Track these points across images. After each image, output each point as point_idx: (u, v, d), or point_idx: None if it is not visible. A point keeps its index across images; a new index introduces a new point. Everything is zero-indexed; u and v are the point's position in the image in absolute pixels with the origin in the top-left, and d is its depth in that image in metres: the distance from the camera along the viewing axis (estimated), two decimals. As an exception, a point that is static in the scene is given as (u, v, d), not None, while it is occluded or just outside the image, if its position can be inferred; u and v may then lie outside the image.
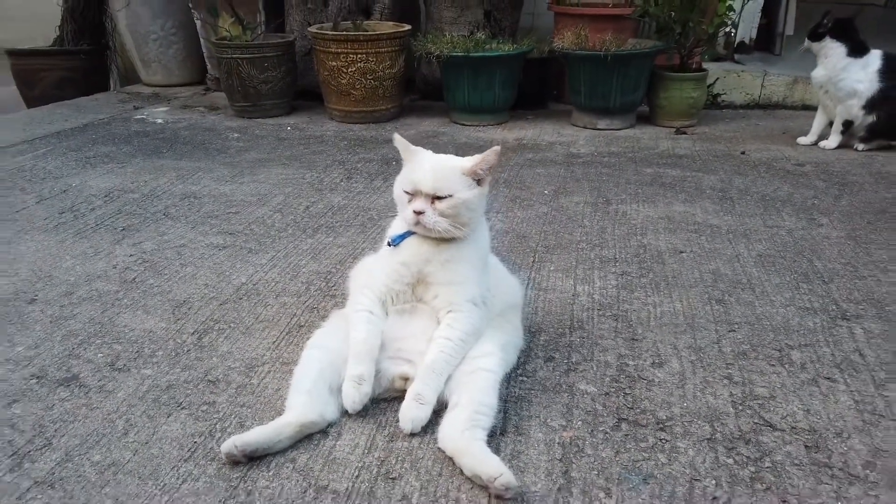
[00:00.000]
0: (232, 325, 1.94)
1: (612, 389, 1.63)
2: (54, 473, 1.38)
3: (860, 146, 3.56)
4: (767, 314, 1.97)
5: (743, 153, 3.58)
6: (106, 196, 2.98)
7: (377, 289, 1.63)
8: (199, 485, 1.34)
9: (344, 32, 4.14)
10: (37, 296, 2.10)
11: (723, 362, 1.74)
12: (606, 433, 1.49)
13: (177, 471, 1.38)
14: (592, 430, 1.49)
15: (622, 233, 2.57)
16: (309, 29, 4.32)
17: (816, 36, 3.50)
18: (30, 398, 1.61)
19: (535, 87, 4.59)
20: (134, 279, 2.22)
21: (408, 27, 4.32)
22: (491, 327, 1.65)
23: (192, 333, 1.90)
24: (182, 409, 1.57)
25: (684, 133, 4.00)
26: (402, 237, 1.62)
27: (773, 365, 1.72)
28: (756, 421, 1.52)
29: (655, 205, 2.85)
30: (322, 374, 1.54)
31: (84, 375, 1.70)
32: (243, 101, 4.37)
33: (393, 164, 3.42)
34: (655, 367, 1.72)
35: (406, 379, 1.56)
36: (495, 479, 1.29)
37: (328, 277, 2.22)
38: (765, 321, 1.93)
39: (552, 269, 2.28)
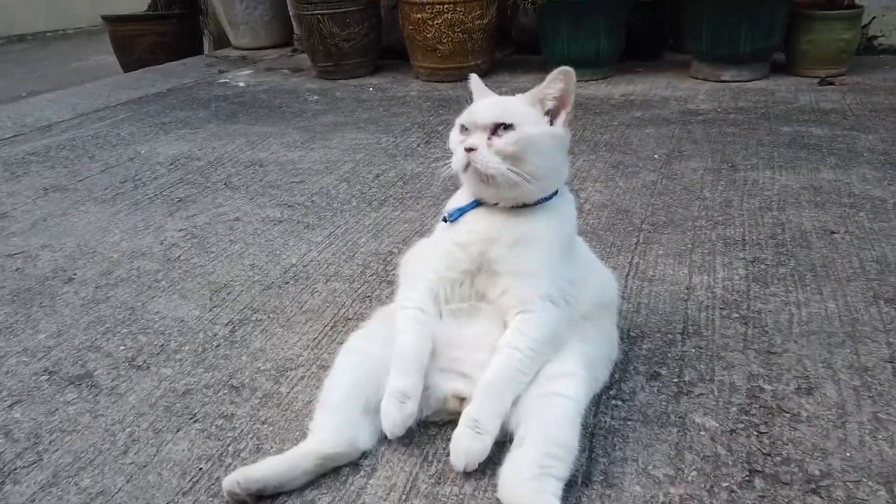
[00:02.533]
0: (271, 315, 1.66)
1: (741, 426, 1.20)
2: (35, 501, 1.14)
3: None
4: (963, 322, 1.45)
5: (909, 106, 2.90)
6: (171, 164, 2.80)
7: (429, 279, 1.27)
8: (194, 531, 1.07)
9: (429, -20, 3.75)
10: (75, 274, 1.92)
11: (901, 391, 1.26)
12: (733, 492, 1.07)
13: (172, 506, 1.11)
14: (712, 487, 1.08)
15: (753, 207, 2.07)
16: (394, -22, 3.97)
17: None
18: (34, 399, 1.40)
19: (647, 35, 4.02)
20: (178, 257, 1.99)
21: (501, -29, 3.86)
22: (574, 335, 1.24)
23: (226, 324, 1.63)
24: (195, 422, 1.30)
25: (831, 84, 3.33)
26: (463, 210, 1.25)
27: (978, 399, 1.23)
28: (960, 488, 1.05)
29: (797, 171, 2.31)
30: (356, 387, 1.21)
31: (99, 373, 1.47)
32: (325, 60, 4.10)
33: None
34: (802, 395, 1.27)
35: (461, 399, 1.20)
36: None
37: (388, 259, 1.90)
38: (960, 332, 1.41)
39: (661, 252, 1.84)
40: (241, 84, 4.17)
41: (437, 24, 3.74)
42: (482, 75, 3.96)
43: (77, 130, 3.33)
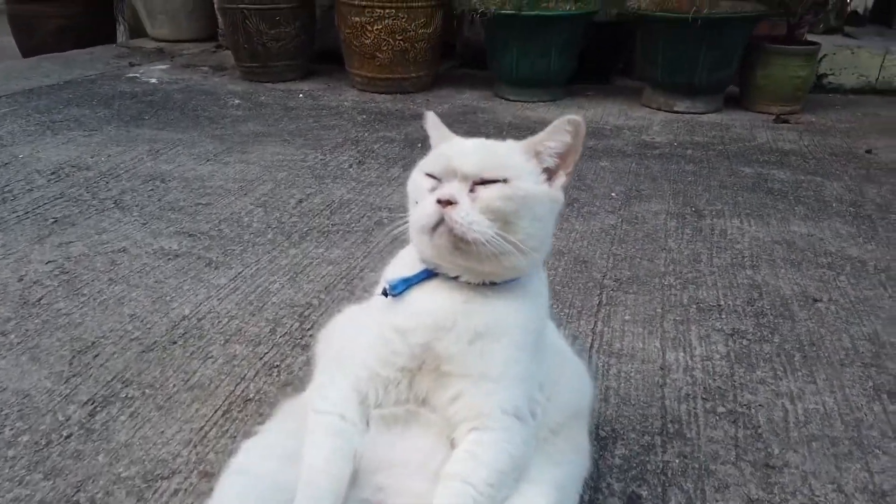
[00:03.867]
0: (147, 391, 1.30)
1: (746, 580, 0.94)
2: None
3: None
4: (981, 427, 1.24)
5: (868, 152, 2.78)
6: (53, 173, 2.36)
7: (356, 376, 0.92)
8: None
9: (370, -19, 3.42)
10: None
11: (928, 527, 1.02)
12: None
13: None
14: None
15: (724, 263, 1.84)
16: (330, -24, 3.62)
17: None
18: None
19: (598, 58, 3.81)
20: (39, 300, 1.59)
21: (449, -22, 3.58)
22: (542, 457, 0.95)
23: (85, 403, 1.26)
24: (14, 565, 0.93)
25: (786, 122, 3.19)
26: (410, 283, 0.93)
27: None
28: None
29: (766, 222, 2.11)
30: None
31: None
32: (250, 60, 3.70)
33: (418, 147, 2.73)
34: (815, 533, 1.02)
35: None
36: None
37: (305, 314, 1.56)
38: (978, 441, 1.20)
39: (627, 318, 1.58)
40: (154, 80, 3.71)
41: (376, 29, 3.41)
42: (424, 89, 3.70)
43: (-57, 125, 2.83)
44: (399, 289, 0.92)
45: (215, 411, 1.24)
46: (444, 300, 0.90)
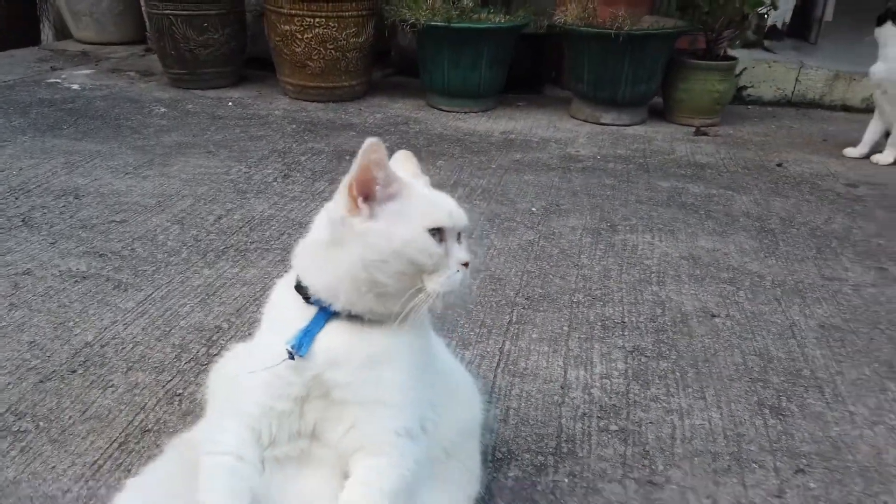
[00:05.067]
0: (42, 423, 1.27)
1: None
2: None
3: (923, 163, 2.92)
4: (848, 439, 1.32)
5: (779, 165, 2.91)
6: (-41, 188, 2.28)
7: (249, 415, 0.92)
8: None
9: (299, -11, 3.39)
10: None
11: (798, 540, 1.09)
12: None
13: None
14: None
15: (632, 279, 1.91)
16: (259, -16, 3.58)
17: (879, 20, 2.84)
18: None
19: (529, 69, 3.88)
20: (-68, 328, 1.54)
21: (380, -12, 3.58)
22: (433, 479, 0.98)
23: (-27, 441, 1.22)
24: None
25: (705, 134, 3.32)
26: (311, 333, 0.90)
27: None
28: None
29: (675, 237, 2.19)
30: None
31: None
32: (178, 67, 3.63)
33: (346, 159, 2.73)
34: (688, 547, 1.07)
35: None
36: None
37: (212, 338, 1.55)
38: (846, 454, 1.28)
39: (535, 336, 1.62)
40: (76, 86, 3.60)
41: (306, 38, 3.39)
42: (358, 97, 3.70)
43: None
44: (305, 347, 0.89)
45: (111, 443, 1.23)
46: (343, 336, 0.90)
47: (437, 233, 0.87)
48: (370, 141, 0.84)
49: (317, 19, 3.36)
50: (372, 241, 0.86)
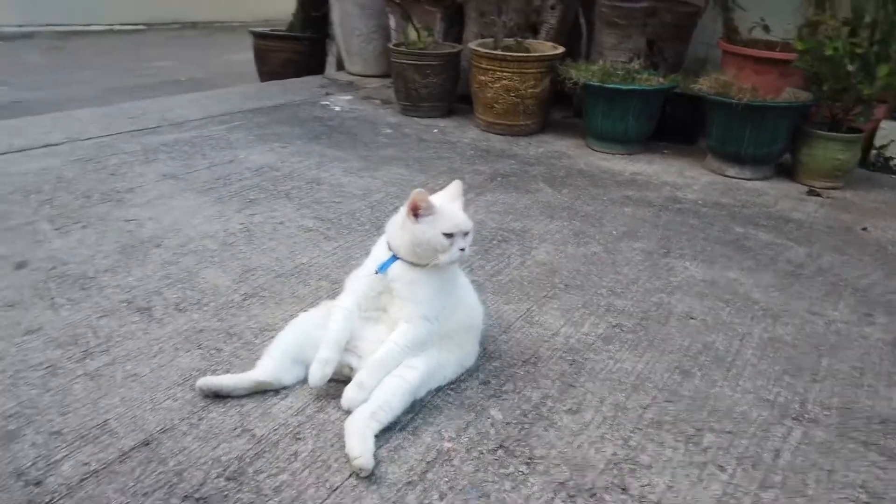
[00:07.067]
0: (273, 294, 2.48)
1: (515, 420, 1.87)
2: (99, 371, 2.01)
3: None
4: (720, 395, 2.01)
5: (864, 229, 3.31)
6: (256, 170, 3.72)
7: (357, 293, 2.01)
8: (176, 404, 1.88)
9: (492, 51, 4.49)
10: (163, 242, 2.83)
11: (633, 426, 1.87)
12: (481, 453, 1.75)
13: (168, 390, 1.93)
14: (471, 448, 1.76)
15: (651, 287, 2.66)
16: (469, 44, 4.74)
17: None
18: (113, 316, 2.29)
19: (683, 122, 4.55)
20: (232, 243, 2.86)
21: (560, 51, 4.55)
22: (436, 345, 1.96)
23: (242, 294, 2.46)
24: (199, 349, 2.13)
25: (818, 195, 3.75)
26: (387, 264, 1.97)
27: (678, 441, 1.82)
28: (614, 482, 1.67)
29: (711, 266, 2.85)
30: (290, 347, 1.99)
31: (155, 309, 2.34)
32: (405, 100, 4.95)
33: (498, 179, 3.75)
34: (568, 413, 1.91)
35: (351, 369, 1.95)
36: (355, 458, 1.65)
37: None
38: (711, 401, 1.99)
39: (555, 307, 2.49)
40: (337, 108, 5.09)
41: (495, 87, 4.48)
42: (531, 133, 4.77)
43: (200, 130, 4.36)
44: (384, 269, 1.96)
45: (302, 308, 2.38)
46: (401, 268, 1.94)
47: (448, 235, 1.87)
48: (416, 190, 1.87)
49: (504, 73, 4.42)
50: (415, 234, 1.88)
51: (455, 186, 2.03)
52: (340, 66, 6.55)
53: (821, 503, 1.63)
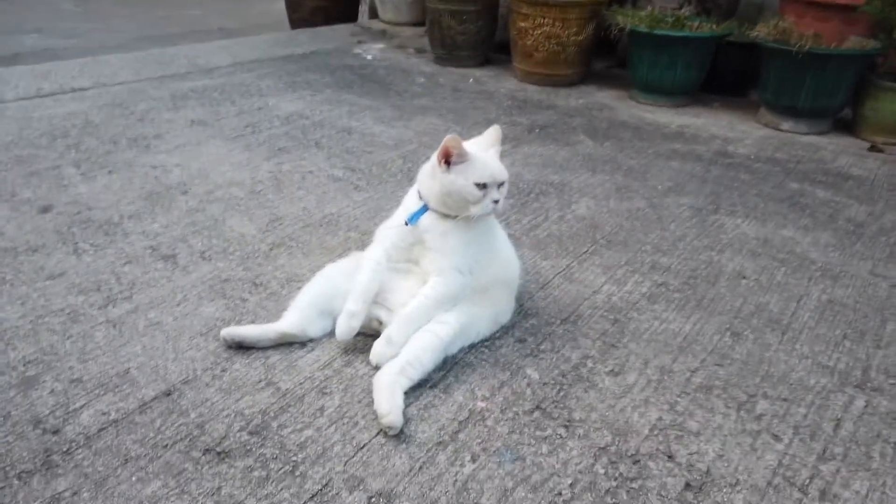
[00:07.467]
0: (300, 244, 2.38)
1: (552, 381, 1.76)
2: (121, 318, 1.94)
3: None
4: (774, 359, 1.87)
5: (931, 187, 3.08)
6: (285, 119, 3.60)
7: (386, 245, 1.90)
8: (199, 354, 1.81)
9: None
10: (189, 189, 2.75)
11: (680, 390, 1.74)
12: (516, 414, 1.65)
13: (192, 339, 1.86)
14: (506, 408, 1.66)
15: (700, 245, 2.49)
16: (507, -13, 4.51)
17: None
18: (137, 263, 2.22)
19: (734, 73, 4.28)
20: (259, 191, 2.77)
21: (604, -5, 4.29)
22: (469, 300, 1.84)
23: (269, 244, 2.37)
24: (224, 298, 2.05)
25: (880, 151, 3.50)
26: (418, 215, 1.84)
27: (729, 407, 1.69)
28: (659, 448, 1.55)
29: (764, 224, 2.67)
30: (318, 298, 1.90)
31: (180, 256, 2.27)
32: (440, 48, 4.75)
33: (536, 131, 3.57)
34: (610, 375, 1.79)
35: (380, 322, 1.85)
36: (383, 416, 1.56)
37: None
38: (765, 366, 1.84)
39: (596, 263, 2.35)
40: (369, 57, 4.92)
41: (536, 34, 4.26)
42: (572, 84, 4.53)
43: (230, 77, 4.25)
44: (414, 220, 1.83)
45: (330, 259, 2.28)
46: (432, 219, 1.81)
47: (482, 185, 1.72)
48: (449, 136, 1.70)
49: (546, 20, 4.20)
50: (445, 183, 1.74)
51: (493, 132, 1.87)
52: (373, 13, 6.35)
53: (888, 478, 1.50)
